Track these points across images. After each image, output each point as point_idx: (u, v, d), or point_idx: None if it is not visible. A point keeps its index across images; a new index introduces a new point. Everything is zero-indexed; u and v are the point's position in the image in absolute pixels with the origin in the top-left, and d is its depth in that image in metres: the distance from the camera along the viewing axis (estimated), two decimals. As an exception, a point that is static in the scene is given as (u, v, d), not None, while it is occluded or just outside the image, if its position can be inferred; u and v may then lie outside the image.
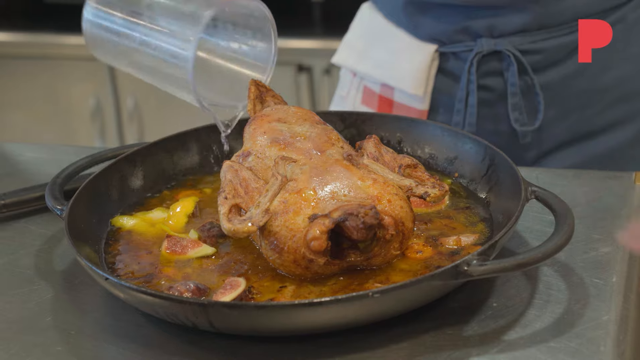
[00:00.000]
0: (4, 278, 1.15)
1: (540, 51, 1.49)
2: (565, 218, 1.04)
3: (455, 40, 1.52)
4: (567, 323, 1.00)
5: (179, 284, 1.04)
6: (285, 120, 1.21)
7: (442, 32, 1.52)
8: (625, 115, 1.55)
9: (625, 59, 1.52)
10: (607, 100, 1.53)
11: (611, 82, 1.52)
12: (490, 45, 1.49)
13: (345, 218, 1.02)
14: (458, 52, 1.52)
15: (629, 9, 1.51)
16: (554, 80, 1.51)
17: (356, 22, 1.70)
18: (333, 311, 0.95)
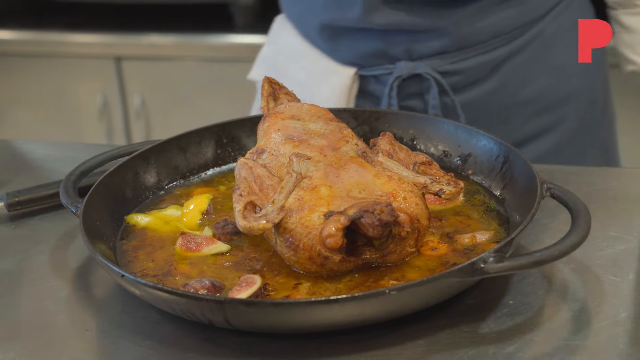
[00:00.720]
0: (19, 275, 1.15)
1: (459, 72, 1.49)
2: (582, 215, 1.03)
3: (374, 63, 1.51)
4: (584, 320, 1.00)
5: (194, 281, 1.04)
6: (299, 117, 1.21)
7: (360, 56, 1.51)
8: (548, 124, 1.55)
9: (545, 71, 1.53)
10: (529, 112, 1.54)
11: (532, 95, 1.53)
12: (409, 69, 1.48)
13: (361, 215, 1.02)
14: (378, 75, 1.51)
15: (545, 23, 1.51)
16: (475, 99, 1.51)
17: (272, 37, 1.66)
18: (349, 308, 0.95)
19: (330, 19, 1.48)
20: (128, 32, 3.04)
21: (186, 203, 1.21)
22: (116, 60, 3.04)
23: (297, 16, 1.57)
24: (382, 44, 1.48)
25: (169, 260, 1.11)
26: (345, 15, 1.46)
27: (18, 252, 1.20)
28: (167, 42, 2.96)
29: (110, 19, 3.14)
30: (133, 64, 3.02)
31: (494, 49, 1.48)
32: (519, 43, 1.49)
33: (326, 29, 1.50)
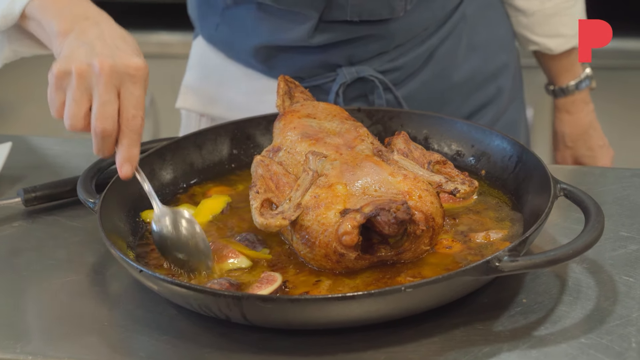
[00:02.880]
0: (36, 270, 1.16)
1: (398, 68, 1.50)
2: (595, 215, 1.04)
3: (315, 74, 1.50)
4: (597, 319, 1.00)
5: (211, 282, 1.05)
6: (315, 115, 1.22)
7: (300, 70, 1.49)
8: (482, 101, 1.58)
9: (472, 51, 1.56)
10: (464, 92, 1.56)
11: (465, 76, 1.56)
12: (352, 74, 1.47)
13: (377, 213, 1.03)
14: (320, 84, 1.50)
15: (465, 4, 1.54)
16: (414, 90, 1.52)
17: (194, 63, 1.61)
18: (366, 305, 0.96)
19: (266, 41, 1.47)
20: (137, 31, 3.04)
21: (203, 202, 1.21)
22: (125, 57, 3.04)
23: (225, 40, 1.53)
24: (321, 57, 1.48)
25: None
26: (283, 37, 1.46)
27: (35, 248, 1.21)
28: (176, 41, 2.97)
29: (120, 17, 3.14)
30: (142, 62, 3.02)
31: (427, 39, 1.50)
32: (446, 29, 1.52)
33: (261, 51, 1.48)
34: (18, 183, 1.37)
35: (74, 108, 1.10)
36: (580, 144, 1.67)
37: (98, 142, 1.10)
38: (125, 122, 1.10)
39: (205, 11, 1.55)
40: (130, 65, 1.11)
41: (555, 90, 1.67)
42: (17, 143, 1.46)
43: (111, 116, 1.09)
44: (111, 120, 1.09)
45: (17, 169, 1.41)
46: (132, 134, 1.11)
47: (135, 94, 1.10)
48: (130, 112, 1.10)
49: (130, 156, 1.11)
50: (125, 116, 1.10)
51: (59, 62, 1.11)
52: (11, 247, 1.22)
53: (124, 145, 1.11)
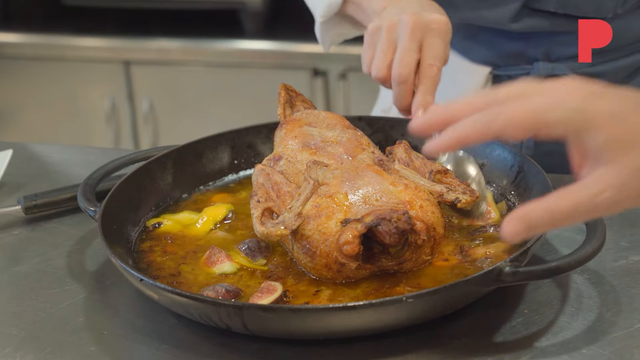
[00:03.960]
0: (36, 278, 1.16)
1: (599, 75, 1.44)
2: (597, 225, 1.04)
3: (510, 63, 1.48)
4: (599, 330, 1.00)
5: (207, 289, 1.05)
6: (316, 124, 1.22)
7: (496, 56, 1.49)
8: None
9: None
10: None
11: None
12: (547, 70, 1.45)
13: (378, 223, 1.03)
14: (513, 75, 1.48)
15: None
16: None
17: None
18: (367, 315, 0.96)
19: (469, 17, 1.47)
20: (137, 37, 3.05)
21: (205, 209, 1.21)
22: (125, 64, 3.05)
23: None
24: (520, 45, 1.46)
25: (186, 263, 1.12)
26: (486, 15, 1.45)
27: (35, 256, 1.21)
28: (176, 47, 2.98)
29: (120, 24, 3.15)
30: (142, 69, 3.03)
31: (633, 53, 1.45)
32: None
33: (462, 29, 1.49)
34: (18, 191, 1.37)
35: (381, 57, 1.21)
36: None
37: (395, 89, 1.20)
38: (423, 70, 1.19)
39: None
40: (433, 19, 1.21)
41: None
42: (17, 150, 1.46)
43: (409, 63, 1.19)
44: (408, 67, 1.19)
45: (17, 176, 1.41)
46: (427, 81, 1.19)
47: (435, 44, 1.20)
48: (428, 60, 1.20)
49: (424, 102, 1.19)
50: (423, 64, 1.19)
51: (373, 21, 1.24)
52: (11, 255, 1.22)
53: (419, 91, 1.19)
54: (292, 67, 2.85)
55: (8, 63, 3.16)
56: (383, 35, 1.21)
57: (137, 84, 3.09)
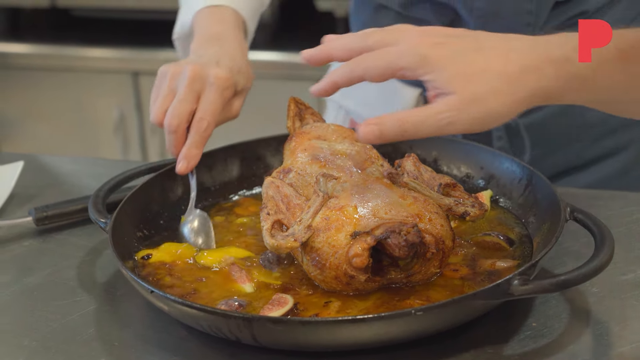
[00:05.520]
0: (47, 289, 1.16)
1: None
2: (605, 239, 1.04)
3: None
4: (607, 344, 1.01)
5: (221, 303, 1.05)
6: (325, 137, 1.23)
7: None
8: (614, 146, 1.53)
9: None
10: (594, 134, 1.52)
11: (595, 120, 1.50)
12: None
13: (388, 236, 1.04)
14: None
15: None
16: (538, 121, 1.49)
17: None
18: (376, 328, 0.96)
19: None
20: (145, 48, 3.06)
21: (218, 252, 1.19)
22: (133, 75, 3.06)
23: None
24: None
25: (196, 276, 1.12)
26: None
27: (46, 267, 1.22)
28: (183, 58, 2.98)
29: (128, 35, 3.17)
30: (150, 79, 3.02)
31: None
32: None
33: None
34: (29, 202, 1.38)
35: (160, 103, 1.24)
36: None
37: (166, 136, 1.23)
38: (193, 123, 1.23)
39: (357, 9, 1.63)
40: (213, 73, 1.25)
41: None
42: (28, 162, 1.47)
43: (181, 114, 1.22)
44: (179, 118, 1.22)
45: (28, 188, 1.42)
46: (195, 135, 1.23)
47: (210, 99, 1.23)
48: (199, 114, 1.23)
49: (188, 155, 1.23)
50: (195, 117, 1.23)
51: (165, 65, 1.28)
52: (22, 266, 1.23)
53: (187, 143, 1.23)
54: (300, 78, 2.86)
55: (17, 74, 3.17)
56: (166, 81, 1.26)
57: (145, 94, 3.10)
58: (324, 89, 1.04)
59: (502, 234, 1.17)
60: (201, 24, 1.39)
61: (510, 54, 0.97)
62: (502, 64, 0.96)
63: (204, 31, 1.37)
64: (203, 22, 1.39)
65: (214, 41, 1.34)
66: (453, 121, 0.95)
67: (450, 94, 0.95)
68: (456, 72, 0.95)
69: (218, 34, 1.36)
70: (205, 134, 1.23)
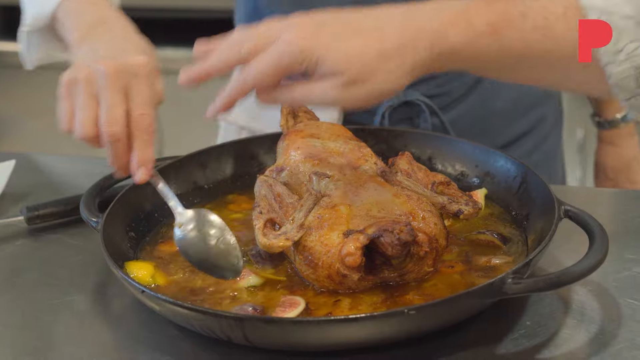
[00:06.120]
0: (38, 289, 1.16)
1: (445, 93, 1.50)
2: (599, 237, 1.04)
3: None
4: (602, 343, 1.00)
5: (234, 308, 1.04)
6: (319, 136, 1.22)
7: None
8: (524, 129, 1.57)
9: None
10: (507, 119, 1.55)
11: (508, 102, 1.54)
12: (399, 97, 1.47)
13: (380, 234, 1.03)
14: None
15: None
16: (458, 115, 1.52)
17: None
18: (368, 327, 0.96)
19: None
20: (142, 46, 3.05)
21: None
22: (130, 74, 3.05)
23: None
24: None
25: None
26: None
27: (38, 266, 1.21)
28: (181, 57, 2.98)
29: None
30: (147, 78, 3.03)
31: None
32: None
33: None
34: (21, 201, 1.37)
35: (83, 114, 1.07)
36: (622, 177, 1.66)
37: (110, 150, 1.08)
38: (134, 123, 1.08)
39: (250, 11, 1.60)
40: (132, 63, 1.09)
41: (601, 122, 1.65)
42: (20, 161, 1.46)
43: (119, 118, 1.07)
44: (118, 123, 1.07)
45: (20, 186, 1.41)
46: (142, 134, 1.09)
47: (141, 91, 1.09)
48: (137, 110, 1.08)
49: (144, 159, 1.09)
50: (133, 115, 1.08)
51: (66, 72, 1.10)
52: (13, 266, 1.22)
53: (136, 147, 1.08)
54: (297, 77, 2.86)
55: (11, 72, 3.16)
56: (81, 89, 1.08)
57: (142, 93, 3.09)
58: (222, 108, 1.05)
59: (497, 232, 1.16)
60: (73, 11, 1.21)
61: (385, 32, 0.98)
62: (379, 43, 0.98)
63: (82, 19, 1.20)
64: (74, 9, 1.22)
65: (100, 27, 1.19)
66: (338, 100, 0.99)
67: (329, 79, 0.98)
68: (337, 56, 0.97)
69: (100, 19, 1.21)
70: (151, 129, 1.10)
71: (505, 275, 0.99)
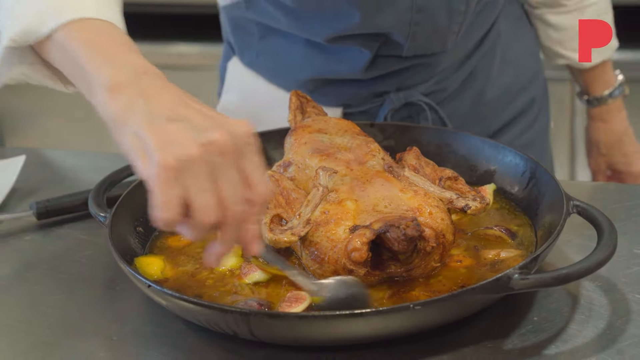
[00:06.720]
0: (47, 283, 1.16)
1: (442, 89, 1.51)
2: (608, 232, 1.03)
3: (364, 101, 1.50)
4: (609, 339, 0.99)
5: (240, 303, 1.04)
6: (326, 131, 1.22)
7: (349, 99, 1.49)
8: (515, 113, 1.59)
9: (505, 65, 1.57)
10: (498, 106, 1.58)
11: (499, 90, 1.57)
12: (400, 100, 1.48)
13: (387, 229, 1.03)
14: (366, 109, 1.50)
15: (499, 21, 1.55)
16: (454, 108, 1.53)
17: (232, 84, 1.58)
18: (374, 322, 0.96)
19: (316, 74, 1.47)
20: (154, 42, 3.06)
21: None
22: (143, 69, 3.05)
23: (268, 68, 1.52)
24: (371, 87, 1.48)
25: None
26: (335, 71, 1.46)
27: (46, 261, 1.21)
28: (192, 52, 2.98)
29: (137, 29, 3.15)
30: (159, 74, 3.03)
31: (467, 59, 1.52)
32: (483, 48, 1.53)
33: (310, 82, 1.48)
34: (31, 196, 1.38)
35: (209, 198, 0.90)
36: (615, 151, 1.68)
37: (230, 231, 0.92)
38: (259, 197, 0.93)
39: (240, 38, 1.54)
40: (245, 132, 0.93)
41: (590, 99, 1.67)
42: (30, 156, 1.46)
43: (242, 197, 0.92)
44: (241, 202, 0.92)
45: (30, 182, 1.42)
46: (264, 208, 0.95)
47: (258, 163, 0.94)
48: (262, 184, 0.93)
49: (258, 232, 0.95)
50: (259, 190, 0.93)
51: (159, 152, 0.90)
52: (23, 260, 1.23)
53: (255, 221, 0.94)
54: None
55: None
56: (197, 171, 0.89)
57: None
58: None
59: (504, 228, 1.16)
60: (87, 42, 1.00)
61: None
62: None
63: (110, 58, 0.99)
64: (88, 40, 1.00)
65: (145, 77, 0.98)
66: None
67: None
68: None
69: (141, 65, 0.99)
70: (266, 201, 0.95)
71: (512, 270, 0.98)
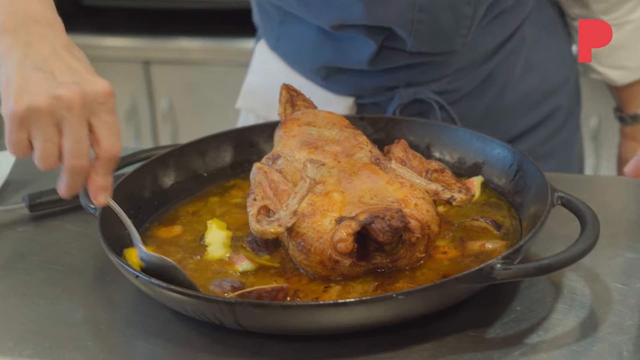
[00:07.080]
0: (38, 274, 1.18)
1: (456, 89, 1.51)
2: (591, 224, 1.04)
3: (373, 93, 1.51)
4: (590, 327, 1.01)
5: (213, 283, 1.06)
6: (315, 124, 1.23)
7: (359, 89, 1.51)
8: (537, 119, 1.58)
9: (529, 70, 1.55)
10: (519, 110, 1.56)
11: (521, 94, 1.55)
12: (409, 96, 1.49)
13: (372, 221, 1.04)
14: (377, 101, 1.51)
15: (526, 25, 1.53)
16: (468, 107, 1.53)
17: (257, 66, 1.62)
18: (357, 312, 0.97)
19: (326, 62, 1.49)
20: (157, 37, 3.07)
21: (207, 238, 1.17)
22: (145, 64, 3.07)
23: (286, 52, 1.55)
24: (381, 79, 1.49)
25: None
26: (343, 60, 1.47)
27: (38, 253, 1.23)
28: (195, 47, 3.00)
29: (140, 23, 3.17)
30: (162, 68, 3.05)
31: (486, 61, 1.51)
32: (505, 51, 1.52)
33: (322, 69, 1.50)
34: (24, 188, 1.39)
35: (49, 148, 0.99)
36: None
37: (70, 180, 1.02)
38: (104, 152, 1.01)
39: (265, 22, 1.57)
40: (99, 92, 1.00)
41: (623, 117, 1.63)
42: (25, 149, 1.47)
43: (86, 152, 1.00)
44: (86, 156, 1.00)
45: (23, 174, 1.43)
46: (110, 163, 1.02)
47: (110, 121, 1.01)
48: (109, 142, 1.01)
49: (107, 185, 1.04)
50: (103, 146, 1.01)
51: (15, 96, 0.97)
52: (15, 252, 1.24)
53: (100, 174, 1.02)
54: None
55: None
56: (42, 121, 0.97)
57: (157, 83, 3.11)
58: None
59: (490, 219, 1.17)
60: None
61: None
62: None
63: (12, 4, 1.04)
64: None
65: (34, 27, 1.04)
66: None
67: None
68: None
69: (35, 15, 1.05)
70: (117, 159, 1.03)
71: (495, 260, 0.99)
